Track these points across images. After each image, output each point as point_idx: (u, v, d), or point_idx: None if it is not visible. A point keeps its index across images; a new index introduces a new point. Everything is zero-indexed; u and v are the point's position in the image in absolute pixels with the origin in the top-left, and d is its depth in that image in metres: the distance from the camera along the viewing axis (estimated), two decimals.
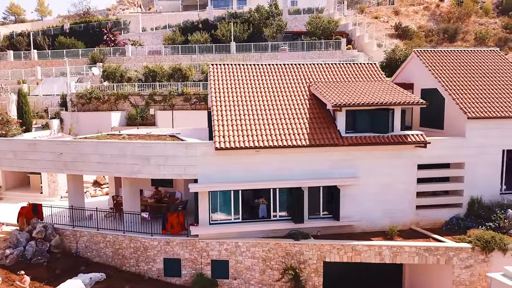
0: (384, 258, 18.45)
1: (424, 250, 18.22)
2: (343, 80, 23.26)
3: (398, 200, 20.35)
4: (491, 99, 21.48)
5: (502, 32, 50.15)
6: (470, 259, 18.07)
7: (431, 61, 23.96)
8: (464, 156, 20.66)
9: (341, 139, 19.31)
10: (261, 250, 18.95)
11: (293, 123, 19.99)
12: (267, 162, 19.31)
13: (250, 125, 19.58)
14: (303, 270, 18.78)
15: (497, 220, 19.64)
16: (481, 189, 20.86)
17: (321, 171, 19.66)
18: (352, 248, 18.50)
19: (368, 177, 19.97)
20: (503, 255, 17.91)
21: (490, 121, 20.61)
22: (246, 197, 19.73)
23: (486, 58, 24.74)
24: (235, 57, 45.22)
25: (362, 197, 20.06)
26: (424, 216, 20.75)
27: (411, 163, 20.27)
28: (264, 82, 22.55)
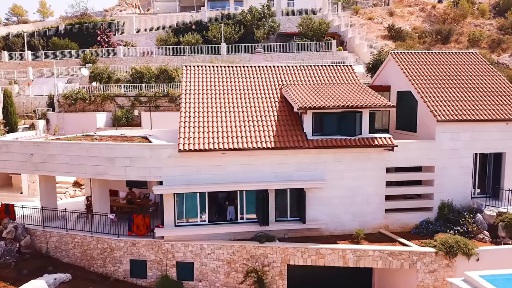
0: (348, 261, 18.33)
1: (388, 254, 18.08)
2: (316, 82, 23.18)
3: (366, 203, 20.22)
4: (463, 103, 21.28)
5: (496, 33, 49.72)
6: (434, 263, 17.90)
7: (406, 64, 23.79)
8: (434, 160, 20.49)
9: (307, 142, 19.23)
10: (226, 252, 18.92)
11: (261, 125, 19.95)
12: (234, 164, 19.29)
13: (216, 127, 19.57)
14: (268, 273, 18.73)
15: (465, 225, 19.45)
16: (452, 193, 20.67)
17: (288, 174, 19.60)
18: (315, 251, 18.42)
19: (336, 180, 19.87)
20: (467, 260, 17.71)
21: (460, 124, 20.41)
22: (214, 199, 19.74)
23: (464, 61, 24.50)
24: (225, 58, 45.31)
25: (330, 200, 19.96)
26: (394, 219, 20.60)
27: (380, 166, 20.13)
28: (236, 85, 22.53)
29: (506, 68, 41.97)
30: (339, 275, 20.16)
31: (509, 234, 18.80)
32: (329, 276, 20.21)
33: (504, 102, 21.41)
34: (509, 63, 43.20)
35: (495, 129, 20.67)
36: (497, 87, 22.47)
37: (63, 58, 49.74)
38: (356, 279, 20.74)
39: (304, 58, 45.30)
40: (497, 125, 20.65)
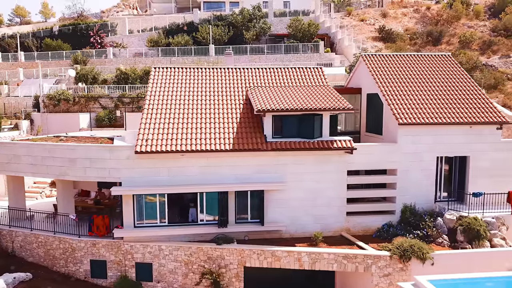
0: (303, 264, 18.32)
1: (343, 257, 18.04)
2: (284, 85, 23.19)
3: (327, 206, 20.19)
4: (428, 106, 21.16)
5: (489, 35, 49.23)
6: (388, 267, 17.82)
7: (375, 66, 23.71)
8: (396, 163, 20.40)
9: (265, 144, 19.26)
10: (184, 253, 19.02)
11: (222, 127, 20.03)
12: (193, 166, 19.38)
13: (176, 129, 19.68)
14: (225, 274, 18.80)
15: (425, 228, 19.34)
16: (415, 196, 20.57)
17: (248, 176, 19.64)
18: (271, 253, 18.44)
19: (296, 182, 19.87)
20: (422, 264, 17.61)
21: (423, 127, 20.30)
22: (175, 201, 19.82)
23: (435, 63, 24.35)
24: (213, 60, 45.47)
25: (290, 202, 19.97)
26: (355, 222, 20.54)
27: (341, 169, 20.09)
28: (203, 86, 22.63)
29: (494, 70, 41.61)
30: (303, 277, 20.12)
31: (467, 238, 18.66)
32: (293, 278, 20.19)
33: (470, 105, 21.24)
34: (498, 65, 42.78)
35: (459, 133, 20.53)
36: (465, 91, 22.29)
37: (55, 59, 50.24)
38: (320, 281, 20.70)
39: (292, 59, 45.27)
40: (461, 129, 20.50)
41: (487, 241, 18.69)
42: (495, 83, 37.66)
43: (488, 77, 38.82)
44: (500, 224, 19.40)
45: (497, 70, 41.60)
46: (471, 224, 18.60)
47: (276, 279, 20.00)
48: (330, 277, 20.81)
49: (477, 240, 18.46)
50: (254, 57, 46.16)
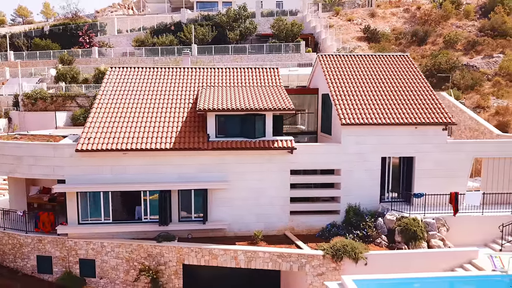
0: (240, 262, 18.49)
1: (277, 256, 18.17)
2: (238, 85, 23.37)
3: (271, 205, 20.34)
4: (374, 106, 21.17)
5: (475, 35, 48.74)
6: (322, 267, 17.91)
7: (330, 66, 23.78)
8: (340, 163, 20.47)
9: (207, 144, 19.48)
10: (125, 250, 19.33)
11: (166, 126, 20.30)
12: (136, 165, 19.67)
13: (120, 128, 20.00)
14: (164, 271, 19.07)
15: (365, 229, 19.39)
16: (360, 197, 20.60)
17: (191, 175, 19.88)
18: (209, 251, 18.65)
19: (240, 181, 20.05)
20: (355, 264, 17.67)
21: (367, 128, 20.32)
22: (121, 198, 20.14)
23: (392, 64, 24.32)
24: (194, 60, 45.76)
25: (234, 201, 20.16)
26: (299, 222, 20.66)
27: (284, 169, 20.22)
28: (157, 86, 22.93)
29: (475, 70, 41.22)
30: (251, 275, 20.20)
31: (404, 239, 18.67)
32: (241, 278, 20.41)
33: (418, 106, 21.20)
34: (480, 65, 42.35)
35: (404, 133, 20.51)
36: (416, 91, 22.24)
37: (43, 59, 51.02)
38: (266, 279, 20.82)
39: (273, 59, 45.40)
40: (406, 129, 20.48)
41: (424, 242, 18.67)
42: (472, 84, 37.32)
43: (467, 77, 38.52)
44: (440, 225, 19.35)
45: (478, 70, 41.21)
46: (408, 225, 18.60)
47: (224, 276, 20.22)
48: (277, 275, 20.95)
49: (413, 240, 18.46)
50: (237, 56, 46.39)
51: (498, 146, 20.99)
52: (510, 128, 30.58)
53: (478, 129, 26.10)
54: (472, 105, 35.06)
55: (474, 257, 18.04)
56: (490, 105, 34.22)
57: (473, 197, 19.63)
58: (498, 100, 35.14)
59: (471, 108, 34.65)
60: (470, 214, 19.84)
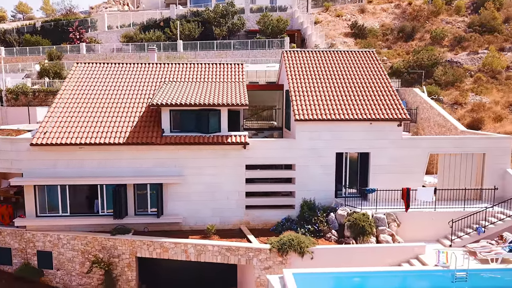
0: (190, 256, 18.77)
1: (226, 249, 18.42)
2: (201, 80, 23.58)
3: (226, 200, 20.58)
4: (331, 102, 21.26)
5: (464, 31, 48.36)
6: (268, 260, 18.13)
7: (293, 62, 23.89)
8: (295, 158, 20.63)
9: (160, 138, 19.74)
10: (80, 243, 19.71)
11: (123, 121, 20.60)
12: (92, 159, 19.99)
13: (77, 122, 20.34)
14: (118, 264, 19.42)
15: (317, 223, 19.56)
16: (315, 192, 20.77)
17: (146, 169, 20.17)
18: (160, 245, 18.95)
19: (195, 176, 20.31)
20: (301, 258, 17.86)
21: (321, 123, 20.43)
22: (77, 192, 20.48)
23: (356, 60, 24.37)
24: (180, 55, 46.03)
25: (189, 195, 20.43)
26: (254, 216, 20.88)
27: (239, 163, 20.42)
28: (120, 82, 23.23)
29: (459, 66, 40.93)
30: (212, 268, 20.19)
31: (353, 234, 18.80)
32: (200, 272, 20.63)
33: (374, 102, 21.25)
34: (464, 62, 42.04)
35: (359, 129, 20.59)
36: (375, 88, 22.28)
37: (33, 54, 51.61)
38: (226, 272, 20.98)
39: (258, 55, 45.49)
40: (360, 125, 20.56)
41: (373, 237, 18.80)
42: (453, 80, 37.11)
43: (449, 73, 38.30)
44: (391, 221, 19.45)
45: (462, 66, 40.94)
46: (357, 220, 18.73)
47: (188, 269, 20.45)
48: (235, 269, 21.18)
49: (362, 235, 18.59)
50: (222, 52, 46.54)
51: (453, 142, 20.99)
52: (483, 125, 30.43)
53: (445, 125, 26.05)
54: (451, 101, 34.90)
55: (421, 252, 18.14)
56: (468, 102, 34.03)
57: (425, 193, 19.68)
58: (477, 97, 34.93)
59: (449, 104, 34.55)
60: (422, 209, 19.92)
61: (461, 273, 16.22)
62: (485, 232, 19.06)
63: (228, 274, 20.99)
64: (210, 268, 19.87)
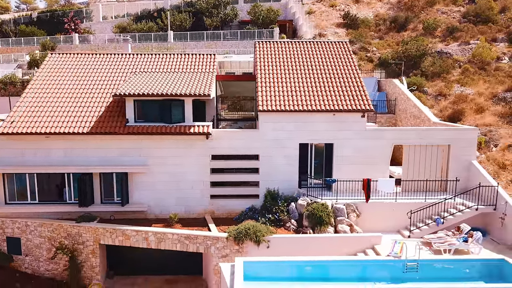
0: (150, 243, 19.13)
1: (185, 238, 18.75)
2: (171, 71, 23.76)
3: (191, 189, 20.87)
4: (297, 93, 21.32)
5: (458, 21, 47.70)
6: (226, 249, 18.41)
7: (264, 53, 23.95)
8: (259, 149, 20.78)
9: (124, 128, 20.03)
10: (47, 230, 20.19)
11: (89, 111, 20.93)
12: (58, 148, 20.37)
13: (45, 112, 20.71)
14: (82, 250, 19.88)
15: (277, 213, 19.77)
16: (279, 182, 20.93)
17: (112, 158, 20.50)
18: (122, 232, 19.33)
19: (160, 165, 20.61)
20: (257, 246, 18.10)
21: (284, 114, 20.51)
22: (46, 180, 20.90)
23: (328, 50, 24.33)
24: (170, 46, 46.23)
25: (154, 185, 20.75)
26: (219, 205, 21.15)
27: (204, 153, 20.66)
28: (90, 72, 23.53)
29: (449, 57, 40.46)
30: (180, 256, 20.45)
31: (311, 223, 18.97)
32: (166, 260, 20.96)
33: (339, 93, 21.25)
34: (455, 52, 41.52)
35: (322, 120, 20.65)
36: (343, 79, 22.27)
37: (28, 45, 52.24)
38: (194, 260, 21.30)
39: (247, 45, 45.43)
40: (324, 116, 20.60)
41: (331, 226, 18.96)
42: (440, 71, 36.75)
43: (437, 64, 37.92)
44: (350, 211, 19.57)
45: (451, 57, 40.48)
46: (315, 210, 18.90)
47: (157, 257, 20.71)
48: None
49: (319, 225, 18.76)
50: (211, 43, 46.64)
51: (418, 133, 20.94)
52: (464, 116, 30.19)
53: (419, 116, 25.93)
54: (435, 92, 34.64)
55: (377, 243, 18.28)
56: (452, 93, 33.73)
57: (386, 184, 19.75)
58: (462, 88, 34.60)
59: (433, 95, 34.29)
60: (383, 200, 19.99)
61: (412, 263, 16.37)
62: (444, 224, 19.11)
63: (196, 261, 21.37)
64: (180, 255, 20.14)
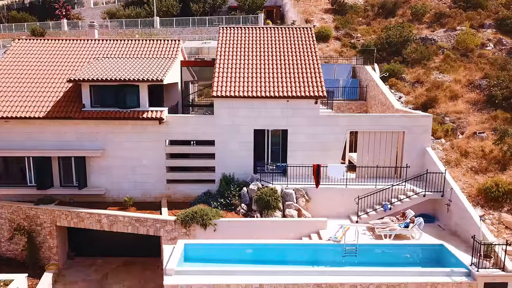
0: (103, 225, 19.63)
1: (135, 220, 19.20)
2: (134, 56, 23.99)
3: (147, 174, 21.25)
4: (251, 79, 21.41)
5: (448, 7, 47.01)
6: (174, 231, 18.82)
7: (227, 39, 24.02)
8: (214, 134, 21.03)
9: (79, 113, 20.39)
10: (7, 211, 20.78)
11: (48, 96, 21.30)
12: (19, 132, 20.84)
13: (3, 97, 21.13)
14: (40, 232, 20.47)
15: (229, 197, 20.09)
16: (236, 167, 21.19)
17: (70, 143, 20.93)
18: (76, 214, 19.84)
19: (116, 150, 21.00)
20: (204, 230, 18.49)
21: (238, 100, 20.67)
22: (8, 164, 21.43)
23: (291, 36, 24.31)
24: (156, 32, 46.37)
25: (112, 169, 21.18)
26: (176, 190, 21.53)
27: (159, 139, 20.97)
28: (54, 58, 23.86)
29: (433, 44, 40.01)
30: (142, 239, 20.74)
31: (259, 208, 19.28)
32: (127, 240, 21.37)
33: (294, 80, 21.30)
34: (440, 39, 41.04)
35: (276, 106, 20.78)
36: (301, 65, 22.29)
37: (18, 31, 52.74)
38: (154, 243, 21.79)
39: None
40: (278, 102, 20.73)
41: (279, 211, 19.25)
42: (420, 58, 36.42)
43: (418, 51, 37.56)
44: (299, 196, 19.82)
45: (436, 44, 40.03)
46: (262, 195, 19.18)
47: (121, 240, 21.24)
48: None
49: (266, 209, 19.05)
50: (197, 29, 46.67)
51: (373, 120, 20.99)
52: (437, 103, 30.01)
53: (385, 103, 25.91)
54: (413, 79, 34.39)
55: (323, 227, 18.55)
56: (429, 80, 33.46)
57: (336, 169, 19.92)
58: (441, 75, 34.30)
59: (410, 83, 34.08)
60: (334, 186, 20.19)
61: (351, 248, 16.64)
62: (391, 209, 19.29)
63: (155, 244, 21.81)
64: (140, 238, 20.50)
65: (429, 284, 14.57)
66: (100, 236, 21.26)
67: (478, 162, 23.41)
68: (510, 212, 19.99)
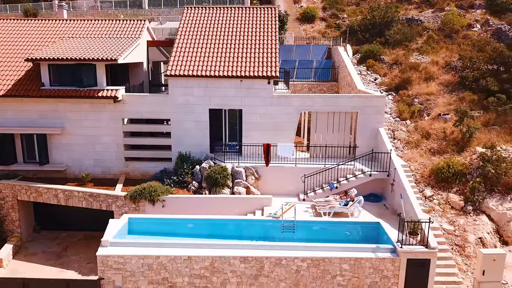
0: (60, 200, 20.37)
1: (89, 195, 19.88)
2: (98, 36, 24.36)
3: (106, 152, 21.86)
4: (206, 59, 21.65)
5: None
6: (125, 207, 19.46)
7: (189, 19, 24.21)
8: (169, 113, 21.45)
9: (37, 91, 20.97)
10: None
11: (9, 74, 21.90)
12: None
13: None
14: (4, 205, 21.33)
15: (182, 175, 20.61)
16: (192, 146, 21.65)
17: (31, 121, 21.58)
18: (35, 189, 20.59)
19: (76, 128, 21.61)
20: (152, 205, 19.08)
21: (192, 80, 20.99)
22: None
23: (253, 16, 24.41)
24: (144, 13, 46.58)
25: (72, 146, 21.83)
26: (134, 167, 22.13)
27: (116, 117, 21.49)
28: (21, 38, 24.41)
29: (419, 25, 39.44)
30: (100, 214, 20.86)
31: (208, 185, 19.76)
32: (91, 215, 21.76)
33: (249, 60, 21.48)
34: (427, 20, 40.42)
35: (230, 86, 21.05)
36: (259, 45, 22.44)
37: (13, 12, 53.43)
38: None
39: None
40: (232, 82, 20.99)
41: (228, 188, 19.71)
42: (402, 39, 36.02)
43: (402, 31, 37.13)
44: (249, 174, 20.23)
45: (422, 24, 39.46)
46: (211, 172, 19.64)
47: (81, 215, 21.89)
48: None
49: (215, 186, 19.53)
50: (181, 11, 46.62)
51: (326, 100, 21.13)
52: (411, 85, 29.83)
53: (351, 84, 25.92)
54: (392, 61, 34.13)
55: (268, 204, 18.98)
56: (407, 62, 33.15)
57: (285, 148, 20.22)
58: (420, 56, 33.95)
59: (388, 64, 33.84)
60: (284, 165, 20.53)
61: (289, 224, 17.07)
62: (337, 188, 19.60)
63: None
64: (103, 213, 20.96)
65: (353, 259, 14.95)
66: (65, 211, 22.02)
67: (438, 144, 23.45)
68: (458, 192, 20.14)
